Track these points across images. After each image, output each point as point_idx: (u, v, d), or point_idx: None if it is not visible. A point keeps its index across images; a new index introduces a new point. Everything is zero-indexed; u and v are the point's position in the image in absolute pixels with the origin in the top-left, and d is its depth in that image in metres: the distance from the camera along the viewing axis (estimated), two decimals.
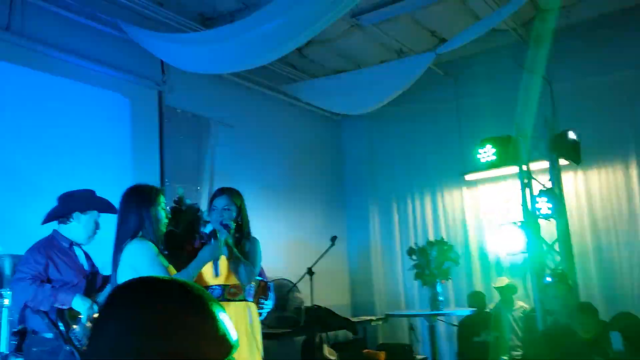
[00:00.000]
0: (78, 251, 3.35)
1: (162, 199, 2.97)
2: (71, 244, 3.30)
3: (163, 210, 2.96)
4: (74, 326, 3.06)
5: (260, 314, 3.35)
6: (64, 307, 3.06)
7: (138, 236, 2.85)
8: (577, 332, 3.97)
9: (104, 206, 3.41)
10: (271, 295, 3.49)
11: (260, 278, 3.49)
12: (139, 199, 2.92)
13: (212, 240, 3.07)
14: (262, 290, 3.44)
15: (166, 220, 2.98)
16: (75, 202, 3.32)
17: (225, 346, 0.77)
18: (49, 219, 3.33)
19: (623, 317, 4.23)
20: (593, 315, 4.06)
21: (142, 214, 2.87)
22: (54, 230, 3.33)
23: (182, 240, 3.37)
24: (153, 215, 2.87)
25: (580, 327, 3.97)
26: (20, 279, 3.04)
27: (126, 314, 0.76)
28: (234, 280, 3.14)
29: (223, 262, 3.14)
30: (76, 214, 3.30)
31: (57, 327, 3.03)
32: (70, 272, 3.22)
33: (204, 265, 2.97)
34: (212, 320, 0.77)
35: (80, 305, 3.08)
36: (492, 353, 5.58)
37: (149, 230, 2.86)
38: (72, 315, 3.08)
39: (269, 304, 3.48)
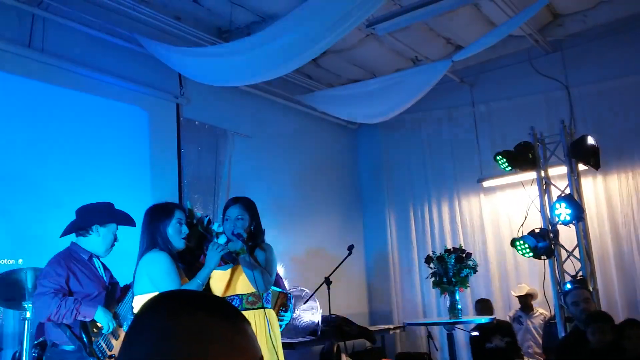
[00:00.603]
0: (97, 263, 3.41)
1: (178, 214, 3.10)
2: (90, 256, 3.37)
3: (179, 225, 3.08)
4: (97, 338, 3.12)
5: (280, 326, 3.38)
6: (87, 320, 3.12)
7: (154, 249, 2.99)
8: (591, 341, 3.93)
9: (123, 219, 3.47)
10: (290, 306, 3.52)
11: (279, 289, 3.52)
12: (152, 215, 3.11)
13: (211, 245, 3.09)
14: (281, 301, 3.48)
15: (182, 235, 3.10)
16: (95, 215, 3.39)
17: (253, 358, 0.79)
18: (68, 231, 3.40)
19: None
20: (606, 324, 4.00)
21: (154, 229, 3.04)
22: (72, 243, 3.39)
23: (196, 253, 3.42)
24: (164, 231, 3.04)
25: (593, 336, 3.92)
26: (42, 293, 3.10)
27: (160, 324, 0.77)
28: (251, 289, 3.17)
29: (239, 271, 3.18)
30: (95, 227, 3.36)
31: (80, 339, 3.09)
32: (91, 283, 3.28)
33: (210, 272, 3.02)
34: (242, 332, 0.79)
35: (102, 317, 3.14)
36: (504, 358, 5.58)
37: (161, 245, 3.00)
38: (94, 327, 3.14)
39: (288, 316, 3.51)
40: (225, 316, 0.79)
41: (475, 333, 6.22)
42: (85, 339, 3.08)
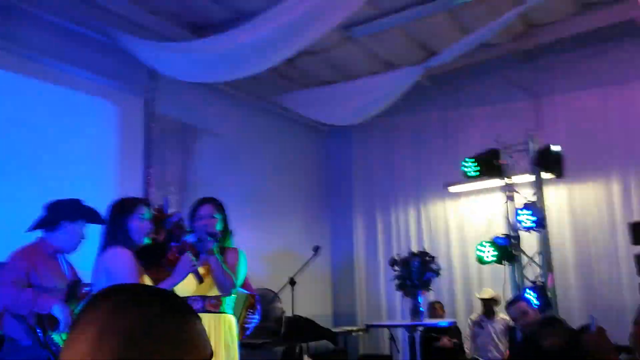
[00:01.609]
0: (61, 259, 3.38)
1: (141, 210, 3.00)
2: (55, 251, 3.34)
3: (142, 221, 2.99)
4: (51, 332, 3.08)
5: (247, 328, 3.39)
6: (43, 313, 3.08)
7: (114, 245, 2.90)
8: (544, 347, 4.01)
9: (91, 216, 3.44)
10: (258, 308, 3.54)
11: (246, 292, 3.53)
12: (115, 209, 3.02)
13: (189, 252, 3.06)
14: (249, 303, 3.49)
15: (144, 231, 3.00)
16: (63, 211, 3.35)
17: (200, 356, 0.78)
18: (35, 226, 3.36)
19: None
20: (557, 327, 4.08)
21: (116, 224, 2.95)
22: (40, 238, 3.34)
23: (163, 248, 3.41)
24: (126, 226, 2.93)
25: (545, 340, 4.01)
26: (1, 283, 3.07)
27: (103, 319, 0.76)
28: (215, 292, 3.16)
29: (206, 273, 3.17)
30: (63, 223, 3.33)
31: (34, 332, 3.06)
32: (52, 279, 3.24)
33: (176, 285, 2.97)
34: (189, 330, 0.78)
35: (59, 312, 3.08)
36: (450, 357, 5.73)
37: (122, 241, 2.91)
38: (50, 322, 3.10)
39: (256, 318, 3.52)
40: (171, 311, 0.78)
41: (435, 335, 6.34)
42: (40, 332, 3.04)
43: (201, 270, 3.11)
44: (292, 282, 4.49)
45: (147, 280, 2.96)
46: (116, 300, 0.79)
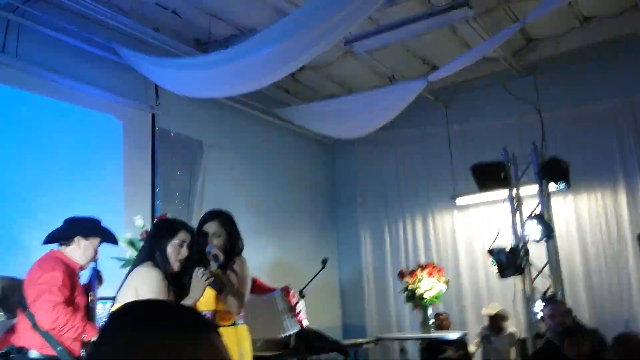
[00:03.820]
0: (81, 275, 3.42)
1: (182, 235, 2.94)
2: (81, 267, 3.37)
3: (180, 247, 2.93)
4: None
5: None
6: (86, 340, 3.15)
7: (149, 263, 2.88)
8: (568, 355, 3.97)
9: (107, 236, 3.46)
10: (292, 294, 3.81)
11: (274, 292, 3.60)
12: (157, 229, 3.07)
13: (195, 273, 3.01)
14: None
15: (179, 257, 2.93)
16: (79, 227, 3.38)
17: None
18: (51, 239, 3.36)
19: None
20: (583, 337, 4.06)
21: (155, 243, 2.93)
22: (56, 251, 3.35)
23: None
24: (164, 248, 2.90)
25: (570, 348, 3.96)
26: (53, 302, 3.07)
27: (120, 336, 0.76)
28: (222, 305, 3.11)
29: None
30: (78, 238, 3.34)
31: (72, 355, 3.11)
32: (80, 296, 3.29)
33: (195, 302, 2.92)
34: (206, 346, 0.78)
35: None
36: None
37: (157, 262, 2.89)
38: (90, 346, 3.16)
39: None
40: (185, 330, 0.77)
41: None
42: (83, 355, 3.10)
43: None
44: (301, 295, 4.44)
45: None
46: (134, 315, 0.80)
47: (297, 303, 4.00)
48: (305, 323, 4.14)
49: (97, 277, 3.43)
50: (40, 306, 3.09)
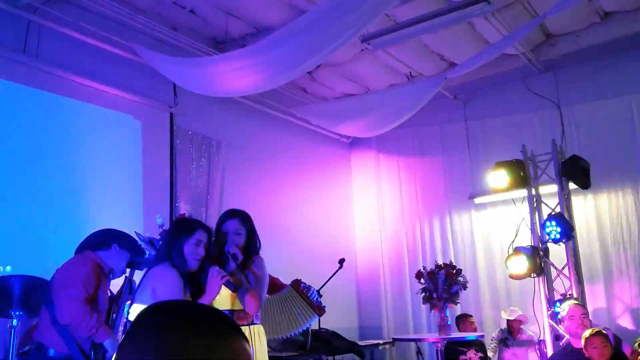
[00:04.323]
0: (109, 281, 3.48)
1: (199, 234, 2.96)
2: (110, 271, 3.43)
3: (196, 246, 2.95)
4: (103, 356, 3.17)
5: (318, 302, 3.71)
6: (95, 341, 3.20)
7: (166, 263, 2.90)
8: (590, 356, 3.93)
9: (138, 252, 3.53)
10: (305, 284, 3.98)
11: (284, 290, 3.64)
12: (175, 228, 3.08)
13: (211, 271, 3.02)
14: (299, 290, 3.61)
15: (197, 257, 2.96)
16: (118, 237, 3.49)
17: None
18: (86, 245, 3.43)
19: None
20: (606, 339, 4.02)
21: (173, 242, 2.95)
22: (96, 254, 3.41)
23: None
24: (182, 247, 2.92)
25: (594, 350, 3.93)
26: (77, 298, 3.13)
27: (143, 338, 0.78)
28: (239, 305, 3.12)
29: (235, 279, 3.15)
30: (115, 245, 3.44)
31: (83, 352, 3.16)
32: (105, 299, 3.36)
33: (212, 301, 2.94)
34: (226, 349, 0.78)
35: (110, 346, 3.20)
36: None
37: (175, 261, 2.91)
38: (100, 346, 3.22)
39: (313, 291, 3.97)
40: (212, 330, 0.79)
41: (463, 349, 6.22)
42: (92, 355, 3.16)
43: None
44: (318, 295, 4.43)
45: None
46: (156, 317, 0.81)
47: (308, 291, 4.02)
48: (324, 307, 4.18)
49: (129, 287, 3.46)
50: (62, 299, 3.14)
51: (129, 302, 3.19)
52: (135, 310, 2.88)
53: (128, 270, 3.58)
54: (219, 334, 0.79)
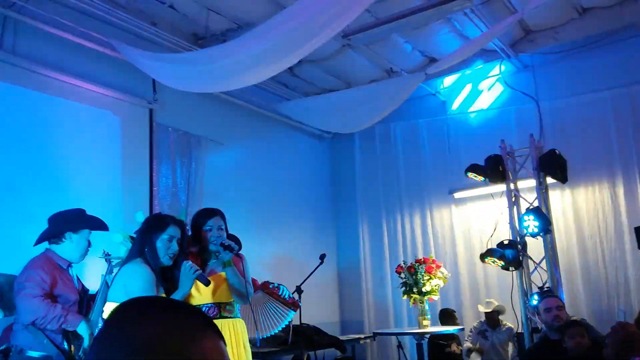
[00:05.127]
0: (71, 271, 3.43)
1: (171, 230, 2.96)
2: (69, 264, 3.37)
3: (169, 242, 2.95)
4: (78, 349, 3.13)
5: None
6: (69, 329, 3.15)
7: (138, 260, 2.90)
8: (568, 347, 3.99)
9: (95, 224, 3.46)
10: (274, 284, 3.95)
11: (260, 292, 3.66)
12: (147, 224, 3.05)
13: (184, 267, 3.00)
14: (270, 292, 3.63)
15: (169, 252, 2.95)
16: (67, 222, 3.39)
17: None
18: (41, 239, 3.38)
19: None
20: (583, 329, 4.08)
21: (145, 239, 2.95)
22: (48, 250, 3.38)
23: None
24: (154, 243, 2.92)
25: (571, 340, 3.99)
26: (30, 296, 3.09)
27: (119, 334, 0.77)
28: (229, 299, 3.18)
29: (220, 280, 3.17)
30: (68, 234, 3.36)
31: (61, 348, 3.12)
32: (69, 291, 3.30)
33: (184, 296, 2.96)
34: (198, 340, 0.77)
35: (84, 330, 3.18)
36: None
37: (147, 257, 2.91)
38: (75, 338, 3.17)
39: (283, 288, 3.96)
40: (183, 326, 0.78)
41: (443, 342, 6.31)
42: (67, 348, 3.10)
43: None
44: (298, 291, 4.45)
45: None
46: (132, 313, 0.79)
47: (278, 289, 4.10)
48: (298, 301, 4.28)
49: (105, 286, 3.43)
50: (19, 301, 3.13)
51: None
52: (109, 308, 2.89)
53: (106, 267, 3.57)
54: (193, 329, 0.78)
